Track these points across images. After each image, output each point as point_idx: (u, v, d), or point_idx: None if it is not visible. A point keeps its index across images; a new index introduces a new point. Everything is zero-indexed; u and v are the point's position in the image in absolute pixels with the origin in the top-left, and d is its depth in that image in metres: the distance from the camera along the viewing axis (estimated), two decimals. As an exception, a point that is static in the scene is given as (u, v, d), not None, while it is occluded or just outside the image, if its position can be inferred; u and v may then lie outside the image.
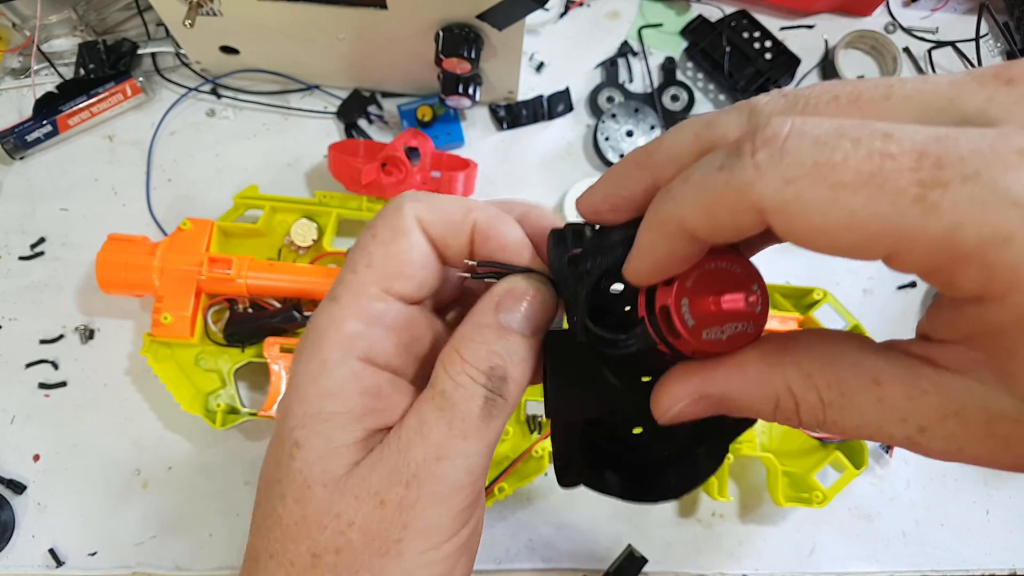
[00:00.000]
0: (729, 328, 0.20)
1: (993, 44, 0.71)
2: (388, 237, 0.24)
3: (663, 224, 0.19)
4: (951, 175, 0.14)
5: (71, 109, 0.61)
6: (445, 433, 0.22)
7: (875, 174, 0.15)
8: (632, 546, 0.53)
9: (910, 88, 0.17)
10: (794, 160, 0.15)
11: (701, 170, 0.17)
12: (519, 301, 0.24)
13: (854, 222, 0.15)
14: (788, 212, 0.16)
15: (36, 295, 0.58)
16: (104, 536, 0.53)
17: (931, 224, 0.14)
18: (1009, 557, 0.57)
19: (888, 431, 0.18)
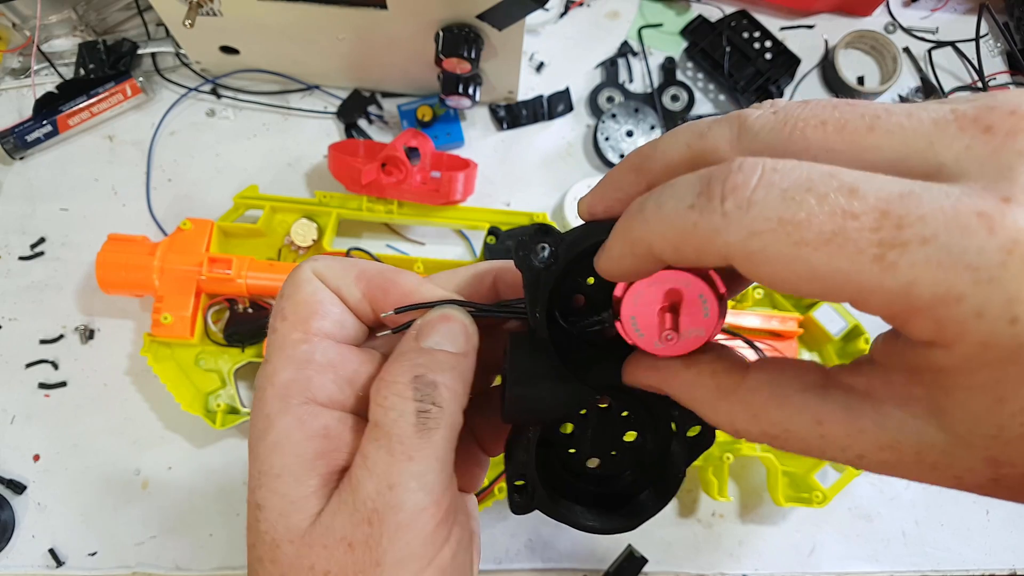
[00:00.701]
0: (684, 335, 0.21)
1: (993, 44, 0.71)
2: (292, 291, 0.25)
3: (633, 243, 0.20)
4: (910, 236, 0.15)
5: (71, 109, 0.61)
6: (387, 460, 0.22)
7: (836, 233, 0.15)
8: (632, 546, 0.53)
9: (894, 123, 0.17)
10: (759, 213, 0.16)
11: (673, 201, 0.18)
12: (437, 326, 0.24)
13: (815, 276, 0.16)
14: (752, 261, 0.17)
15: (36, 295, 0.58)
16: (104, 536, 0.53)
17: (887, 281, 0.15)
18: (1009, 557, 0.57)
19: (829, 455, 0.19)
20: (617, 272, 0.21)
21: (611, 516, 0.26)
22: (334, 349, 0.25)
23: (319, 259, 0.26)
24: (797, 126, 0.18)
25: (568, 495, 0.26)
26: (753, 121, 0.19)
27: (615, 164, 0.64)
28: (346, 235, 0.60)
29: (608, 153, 0.64)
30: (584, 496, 0.27)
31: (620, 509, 0.26)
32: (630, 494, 0.27)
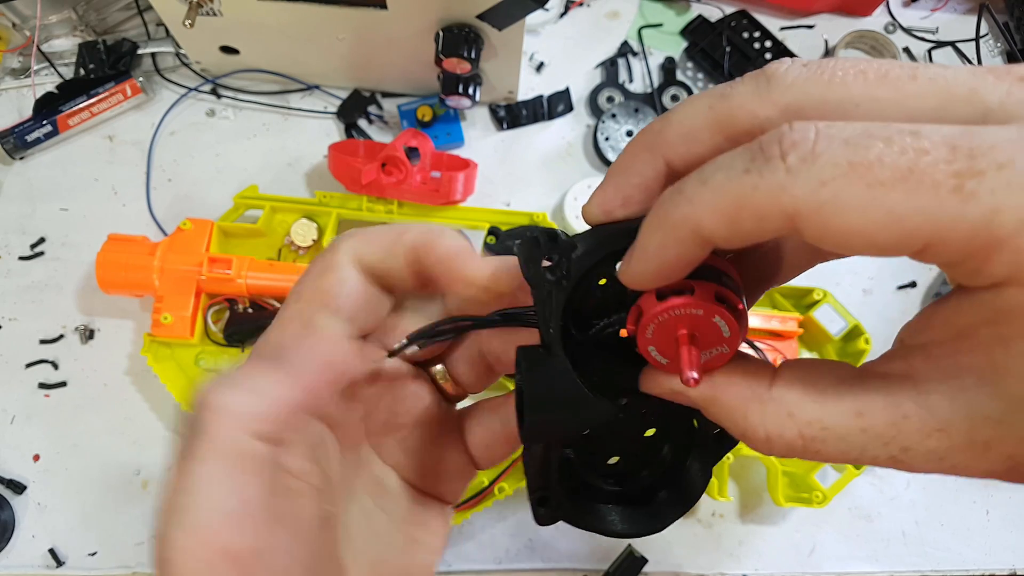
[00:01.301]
0: (704, 355, 0.20)
1: (993, 44, 0.71)
2: (317, 273, 0.25)
3: (676, 227, 0.18)
4: (985, 164, 0.14)
5: (71, 109, 0.61)
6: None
7: (912, 169, 0.15)
8: (632, 546, 0.53)
9: (934, 73, 0.17)
10: (828, 161, 0.15)
11: (723, 172, 0.17)
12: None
13: (893, 219, 0.15)
14: (823, 214, 0.16)
15: (36, 295, 0.58)
16: (104, 536, 0.53)
17: (969, 212, 0.15)
18: (1009, 557, 0.57)
19: (871, 454, 0.18)
20: (653, 271, 0.19)
21: (635, 519, 0.25)
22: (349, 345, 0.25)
23: (359, 232, 0.25)
24: (836, 75, 0.17)
25: (586, 495, 0.26)
26: (783, 74, 0.18)
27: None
28: (346, 235, 0.60)
29: (608, 153, 0.64)
30: (602, 495, 0.26)
31: (641, 509, 0.26)
32: (650, 494, 0.26)
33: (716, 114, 0.19)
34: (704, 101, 0.19)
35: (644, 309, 0.20)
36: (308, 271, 0.25)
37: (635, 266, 0.19)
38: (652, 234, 0.19)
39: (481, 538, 0.54)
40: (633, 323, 0.21)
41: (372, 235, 0.25)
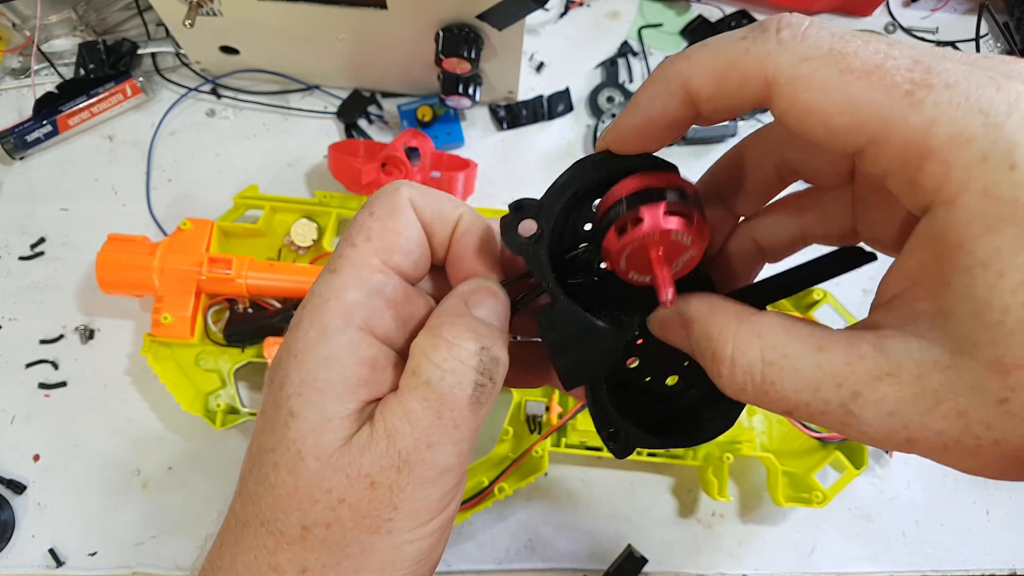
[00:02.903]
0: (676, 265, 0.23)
1: (993, 44, 0.71)
2: (385, 214, 0.25)
3: (668, 80, 0.20)
4: (936, 80, 0.17)
5: (71, 109, 0.61)
6: (434, 423, 0.22)
7: (879, 66, 0.17)
8: (632, 546, 0.53)
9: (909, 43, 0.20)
10: (813, 43, 0.18)
11: (723, 38, 0.19)
12: (486, 299, 0.25)
13: (850, 106, 0.17)
14: (796, 87, 0.18)
15: (36, 295, 0.58)
16: (104, 536, 0.53)
17: (912, 117, 0.17)
18: (1009, 557, 0.57)
19: (822, 396, 0.19)
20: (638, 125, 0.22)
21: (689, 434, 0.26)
22: (402, 289, 0.25)
23: (418, 186, 0.26)
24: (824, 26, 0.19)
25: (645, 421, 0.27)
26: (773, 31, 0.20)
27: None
28: (346, 235, 0.60)
29: (608, 153, 0.64)
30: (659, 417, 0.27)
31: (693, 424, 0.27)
32: (698, 410, 0.27)
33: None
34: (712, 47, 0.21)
35: (608, 247, 0.23)
36: (370, 211, 0.25)
37: (623, 120, 0.22)
38: (646, 88, 0.21)
39: (481, 538, 0.54)
40: (606, 259, 0.23)
41: (432, 193, 0.26)
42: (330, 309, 0.23)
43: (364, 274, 0.24)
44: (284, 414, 0.23)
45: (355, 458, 0.22)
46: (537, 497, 0.56)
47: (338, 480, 0.22)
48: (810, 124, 0.18)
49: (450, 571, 0.54)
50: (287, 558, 0.23)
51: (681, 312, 0.23)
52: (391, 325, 0.24)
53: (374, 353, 0.24)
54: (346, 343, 0.23)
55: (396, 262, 0.25)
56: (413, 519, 0.23)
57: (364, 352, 0.23)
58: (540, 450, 0.52)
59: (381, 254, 0.24)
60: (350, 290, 0.24)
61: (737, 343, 0.21)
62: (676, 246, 0.22)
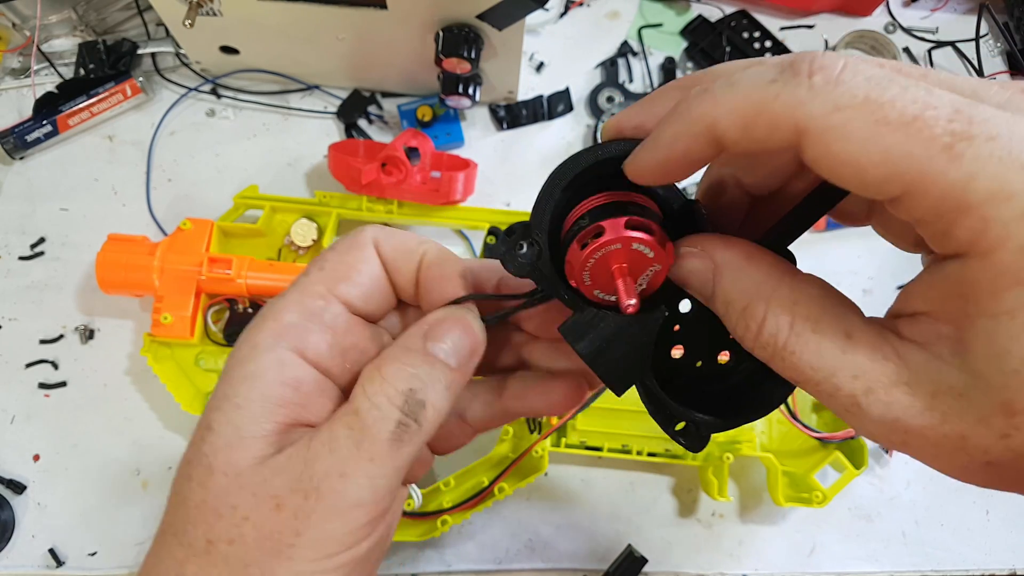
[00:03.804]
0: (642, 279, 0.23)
1: (993, 44, 0.71)
2: (344, 249, 0.26)
3: (694, 120, 0.19)
4: (978, 131, 0.16)
5: (71, 109, 0.61)
6: (352, 452, 0.22)
7: (917, 117, 0.16)
8: (632, 546, 0.53)
9: (944, 75, 0.18)
10: (847, 90, 0.17)
11: (751, 78, 0.18)
12: (449, 330, 0.24)
13: (886, 158, 0.16)
14: (828, 137, 0.17)
15: (36, 295, 0.58)
16: (104, 536, 0.53)
17: (952, 171, 0.16)
18: (1009, 557, 0.57)
19: (836, 382, 0.19)
20: (660, 161, 0.21)
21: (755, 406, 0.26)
22: (344, 317, 0.25)
23: (384, 228, 0.27)
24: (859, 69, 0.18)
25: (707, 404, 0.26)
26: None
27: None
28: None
29: (608, 153, 0.63)
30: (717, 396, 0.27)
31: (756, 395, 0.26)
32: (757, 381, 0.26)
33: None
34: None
35: (571, 261, 0.23)
36: (332, 247, 0.26)
37: (643, 155, 0.21)
38: (669, 125, 0.20)
39: (481, 538, 0.54)
40: (571, 275, 0.23)
41: (396, 233, 0.27)
42: (264, 328, 0.24)
43: (306, 299, 0.25)
44: (203, 428, 0.24)
45: (266, 479, 0.23)
46: (537, 497, 0.56)
47: (244, 498, 0.22)
48: (843, 174, 0.17)
49: (450, 571, 0.54)
50: (193, 571, 0.23)
51: (713, 256, 0.22)
52: (325, 351, 0.25)
53: (299, 375, 0.24)
54: (272, 361, 0.24)
55: (342, 291, 0.25)
56: (316, 549, 0.22)
57: (289, 372, 0.24)
58: (540, 450, 0.52)
59: (328, 282, 0.25)
60: (288, 311, 0.24)
61: (772, 304, 0.20)
62: (639, 259, 0.23)
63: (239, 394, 0.23)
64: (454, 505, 0.51)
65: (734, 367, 0.27)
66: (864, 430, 0.19)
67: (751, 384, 0.26)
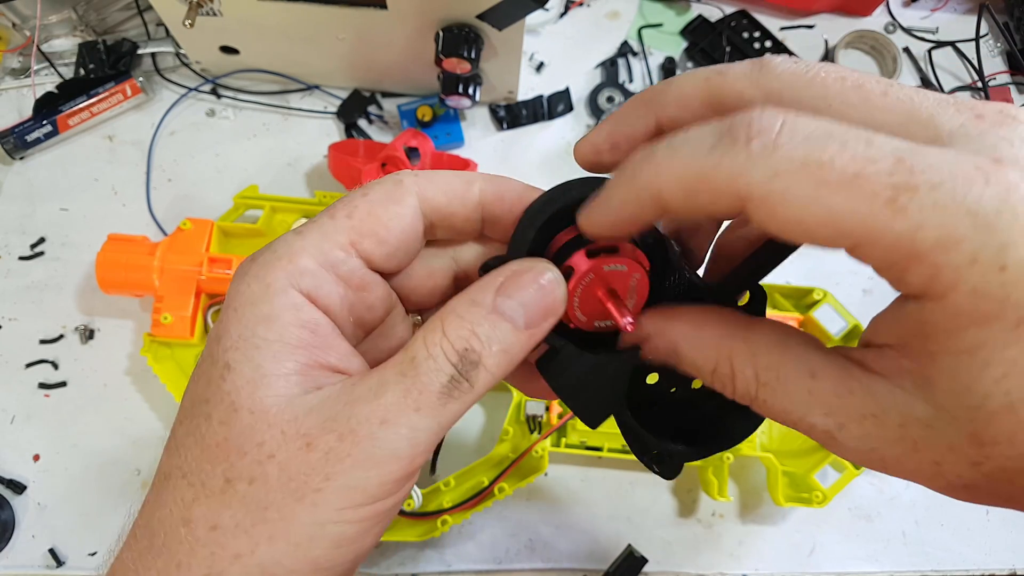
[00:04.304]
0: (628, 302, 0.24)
1: (993, 44, 0.71)
2: (378, 199, 0.24)
3: (640, 189, 0.19)
4: (921, 181, 0.16)
5: (71, 109, 0.61)
6: (398, 399, 0.22)
7: (857, 175, 0.16)
8: (632, 546, 0.53)
9: (904, 93, 0.19)
10: (785, 155, 0.17)
11: (691, 145, 0.18)
12: (524, 288, 0.23)
13: (830, 217, 0.16)
14: (771, 202, 0.17)
15: (36, 295, 0.58)
16: (104, 536, 0.53)
17: (897, 224, 0.16)
18: (1009, 557, 0.57)
19: (810, 421, 0.20)
20: (610, 223, 0.21)
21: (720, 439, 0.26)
22: (360, 272, 0.24)
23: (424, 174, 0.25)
24: (819, 75, 0.19)
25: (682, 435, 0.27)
26: (776, 64, 0.20)
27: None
28: (346, 235, 0.60)
29: (608, 153, 0.64)
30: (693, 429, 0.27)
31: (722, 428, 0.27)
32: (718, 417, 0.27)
33: (710, 86, 0.21)
34: (703, 73, 0.21)
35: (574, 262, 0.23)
36: (364, 192, 0.24)
37: (594, 215, 0.22)
38: (617, 189, 0.20)
39: (481, 538, 0.55)
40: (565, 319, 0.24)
41: (440, 177, 0.25)
42: (279, 267, 0.23)
43: (326, 245, 0.23)
44: (220, 367, 0.22)
45: (296, 416, 0.21)
46: (537, 497, 0.56)
47: (272, 435, 0.21)
48: (791, 234, 0.17)
49: (450, 571, 0.54)
50: (201, 512, 0.21)
51: (666, 336, 0.23)
52: (336, 301, 0.24)
53: (316, 317, 0.23)
54: (287, 304, 0.23)
55: (365, 247, 0.24)
56: (344, 497, 0.21)
57: (306, 315, 0.23)
58: (540, 450, 0.52)
59: (352, 234, 0.24)
60: (305, 255, 0.23)
61: (736, 361, 0.21)
62: (618, 276, 0.23)
63: (256, 334, 0.22)
64: (454, 505, 0.51)
65: (710, 392, 0.27)
66: (846, 458, 0.20)
67: (724, 411, 0.27)
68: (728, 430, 0.26)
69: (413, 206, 0.24)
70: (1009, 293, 0.16)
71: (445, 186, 0.25)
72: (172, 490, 0.22)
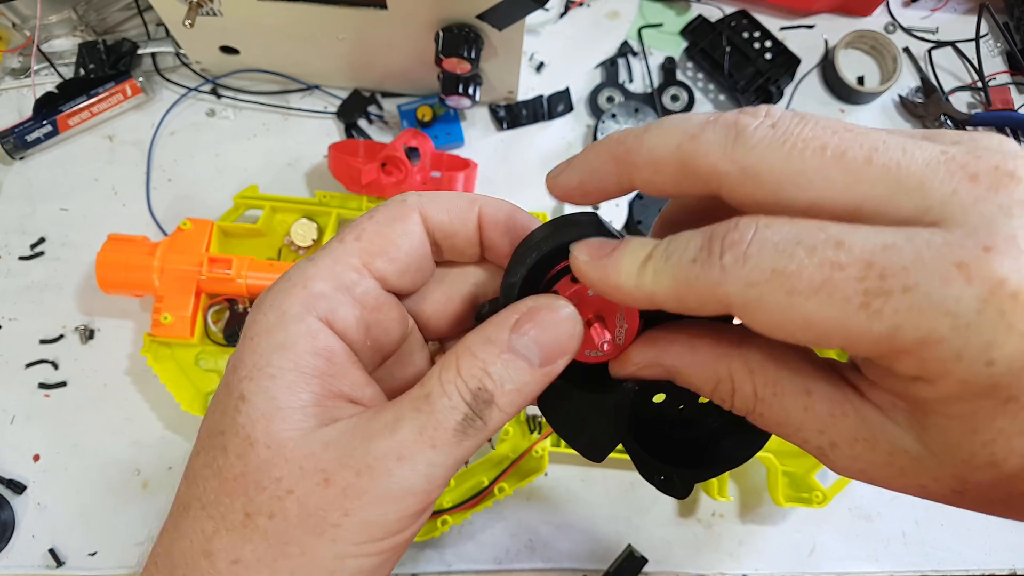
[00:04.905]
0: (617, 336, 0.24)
1: (993, 44, 0.71)
2: (385, 220, 0.25)
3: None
4: (892, 285, 0.16)
5: (71, 109, 0.61)
6: (414, 435, 0.22)
7: (825, 283, 0.16)
8: (632, 546, 0.53)
9: (890, 157, 0.18)
10: (755, 266, 0.17)
11: (677, 257, 0.19)
12: (539, 325, 0.23)
13: (808, 323, 0.17)
14: (750, 310, 0.18)
15: (36, 295, 0.58)
16: (104, 536, 0.53)
17: (874, 326, 0.16)
18: (1009, 557, 0.57)
19: (804, 436, 0.20)
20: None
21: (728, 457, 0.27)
22: (375, 293, 0.24)
23: (428, 195, 0.25)
24: (796, 146, 0.18)
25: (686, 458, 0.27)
26: (751, 133, 0.19)
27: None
28: (346, 235, 0.60)
29: (608, 153, 0.63)
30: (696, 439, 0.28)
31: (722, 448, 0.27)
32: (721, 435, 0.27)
33: (683, 155, 0.20)
34: (674, 137, 0.20)
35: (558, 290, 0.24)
36: (371, 215, 0.25)
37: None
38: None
39: (481, 538, 0.54)
40: None
41: (443, 198, 0.26)
42: (294, 295, 0.23)
43: (338, 268, 0.24)
44: (235, 398, 0.22)
45: (314, 451, 0.22)
46: (537, 497, 0.56)
47: (290, 470, 0.21)
48: (779, 336, 0.18)
49: (450, 571, 0.54)
50: (222, 545, 0.22)
51: (661, 363, 0.23)
52: (353, 324, 0.24)
53: (331, 345, 0.23)
54: (303, 330, 0.23)
55: (378, 267, 0.24)
56: (362, 532, 0.22)
57: (322, 342, 0.23)
58: (540, 450, 0.52)
59: (364, 255, 0.24)
60: (319, 280, 0.23)
61: (735, 377, 0.21)
62: (604, 302, 0.23)
63: (271, 364, 0.22)
64: (454, 505, 0.51)
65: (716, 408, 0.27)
66: (835, 472, 0.21)
67: (734, 425, 0.27)
68: (739, 443, 0.26)
69: (418, 223, 0.25)
70: (998, 381, 0.16)
71: (448, 205, 0.25)
72: (192, 521, 0.22)
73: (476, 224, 0.26)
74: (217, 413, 0.23)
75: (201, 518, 0.22)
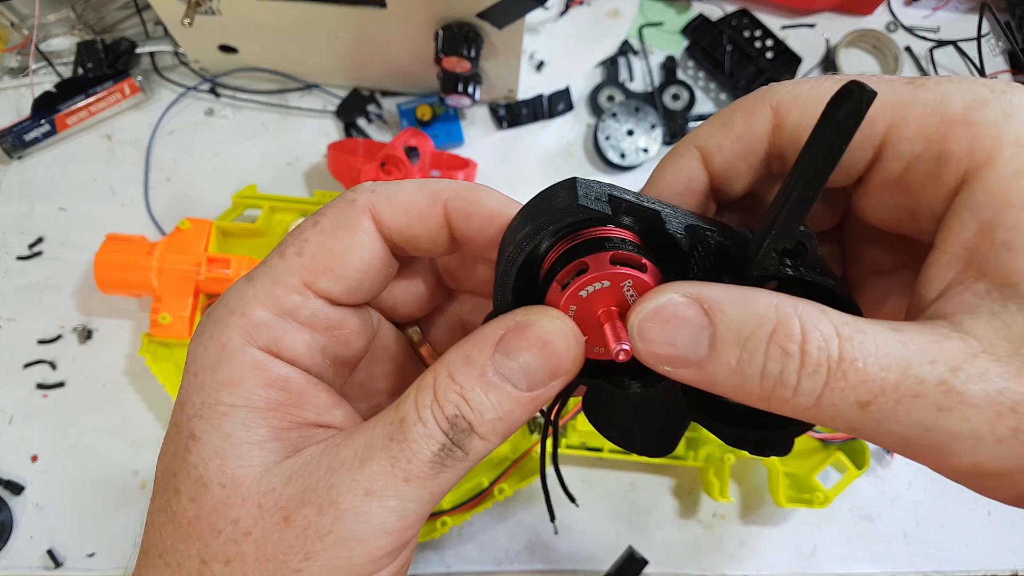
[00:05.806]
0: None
1: (994, 43, 0.71)
2: (330, 229, 0.22)
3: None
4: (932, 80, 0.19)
5: (69, 108, 0.60)
6: (385, 467, 0.19)
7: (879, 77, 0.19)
8: (632, 547, 0.53)
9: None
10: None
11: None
12: (525, 345, 0.20)
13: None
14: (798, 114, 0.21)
15: (34, 295, 0.58)
16: (103, 537, 0.53)
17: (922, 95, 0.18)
18: (1010, 557, 0.57)
19: (917, 374, 0.16)
20: None
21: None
22: (324, 312, 0.22)
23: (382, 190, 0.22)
24: None
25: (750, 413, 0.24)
26: None
27: (615, 163, 0.63)
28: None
29: (608, 152, 0.63)
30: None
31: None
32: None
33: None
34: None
35: (550, 302, 0.21)
36: (315, 221, 0.22)
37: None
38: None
39: (481, 539, 0.54)
40: None
41: (399, 195, 0.22)
42: (232, 324, 0.21)
43: (279, 291, 0.21)
44: (185, 437, 0.21)
45: (273, 487, 0.20)
46: (537, 498, 0.56)
47: (247, 510, 0.19)
48: None
49: (450, 572, 0.54)
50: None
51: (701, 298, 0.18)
52: (303, 350, 0.22)
53: (283, 373, 0.21)
54: (248, 364, 0.21)
55: (323, 286, 0.21)
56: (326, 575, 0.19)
57: (270, 373, 0.21)
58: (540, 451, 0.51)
59: (306, 274, 0.21)
60: (258, 306, 0.21)
61: (804, 316, 0.17)
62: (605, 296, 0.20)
63: (220, 401, 0.20)
64: (454, 506, 0.51)
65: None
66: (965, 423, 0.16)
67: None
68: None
69: (369, 230, 0.22)
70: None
71: (405, 204, 0.22)
72: (151, 570, 0.21)
73: (442, 222, 0.22)
74: (168, 455, 0.21)
75: (159, 566, 0.20)
